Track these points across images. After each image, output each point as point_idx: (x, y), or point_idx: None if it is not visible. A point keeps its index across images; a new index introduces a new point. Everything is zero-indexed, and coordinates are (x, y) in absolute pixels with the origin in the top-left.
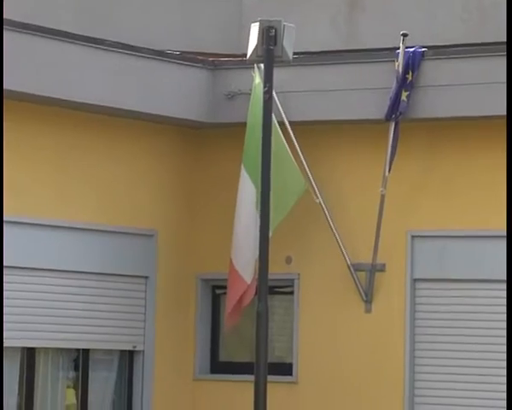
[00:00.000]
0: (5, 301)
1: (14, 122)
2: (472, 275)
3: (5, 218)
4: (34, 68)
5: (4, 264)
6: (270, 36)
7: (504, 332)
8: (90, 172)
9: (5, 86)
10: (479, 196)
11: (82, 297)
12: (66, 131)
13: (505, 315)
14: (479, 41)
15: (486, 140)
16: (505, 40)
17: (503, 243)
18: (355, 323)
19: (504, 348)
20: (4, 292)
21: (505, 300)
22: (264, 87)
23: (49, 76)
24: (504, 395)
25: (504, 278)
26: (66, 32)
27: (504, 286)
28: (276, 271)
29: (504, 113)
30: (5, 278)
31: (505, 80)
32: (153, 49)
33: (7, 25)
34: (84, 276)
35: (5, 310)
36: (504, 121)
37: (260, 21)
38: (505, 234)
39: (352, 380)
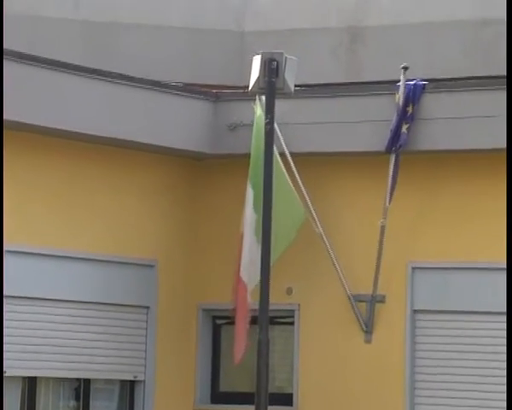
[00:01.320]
0: (8, 331)
1: (22, 153)
2: (473, 307)
3: (9, 248)
4: (42, 101)
5: (8, 294)
6: (271, 68)
7: (505, 364)
8: (91, 202)
9: (15, 118)
10: (480, 228)
11: (83, 327)
12: (71, 162)
13: (506, 347)
14: (479, 74)
15: (487, 172)
16: (505, 74)
17: (505, 275)
18: (355, 353)
19: (505, 379)
20: (7, 322)
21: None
22: (266, 119)
23: (56, 108)
24: None
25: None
26: (74, 64)
27: (505, 318)
28: (276, 301)
29: (504, 146)
30: (8, 308)
31: (505, 113)
32: (156, 81)
33: (12, 55)
34: (84, 306)
35: (7, 339)
36: (504, 154)
37: (262, 53)
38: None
39: (350, 408)
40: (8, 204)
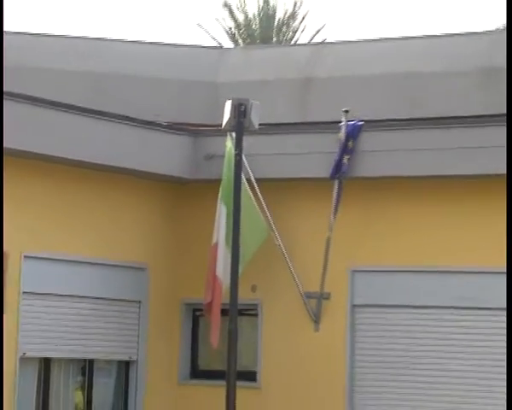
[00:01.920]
0: (27, 320)
1: (37, 179)
2: (400, 302)
3: (27, 254)
4: (55, 136)
5: (27, 291)
6: (240, 111)
7: (432, 348)
8: (94, 217)
9: (32, 150)
10: (406, 239)
11: (88, 317)
12: (75, 185)
13: (428, 335)
14: (404, 117)
15: (412, 194)
16: (428, 117)
17: (429, 275)
18: (306, 339)
19: (433, 364)
20: (27, 313)
21: (428, 322)
22: (235, 151)
23: (65, 141)
24: (437, 405)
25: (426, 303)
26: (80, 106)
27: (425, 311)
28: (243, 297)
29: (425, 173)
30: (28, 302)
31: (427, 147)
32: (147, 121)
33: (30, 100)
34: (89, 300)
35: (28, 327)
36: (424, 180)
37: (232, 99)
38: (429, 269)
39: (304, 385)
40: (24, 220)
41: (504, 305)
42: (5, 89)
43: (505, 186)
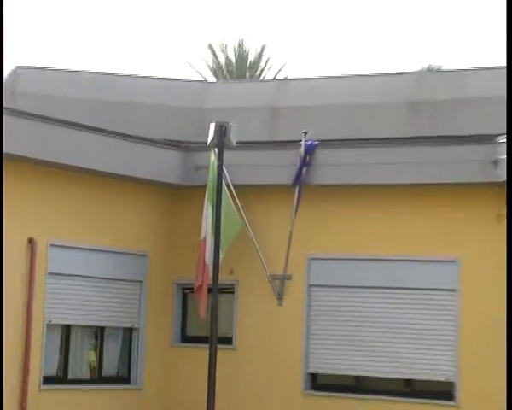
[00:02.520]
0: (53, 295)
1: (58, 185)
2: (343, 283)
3: (53, 243)
4: (77, 151)
5: (52, 271)
6: (221, 131)
7: (367, 316)
8: (105, 215)
9: (59, 161)
10: (350, 234)
11: (101, 293)
12: (91, 189)
13: (365, 307)
14: (352, 138)
15: (356, 199)
16: (368, 138)
17: (366, 262)
18: (272, 311)
19: (368, 328)
20: (54, 289)
21: (364, 298)
22: (218, 163)
23: (85, 156)
24: (374, 358)
25: (363, 284)
26: (98, 128)
27: (362, 289)
28: (223, 278)
29: (364, 182)
30: (52, 281)
31: (366, 162)
32: (147, 138)
33: (50, 120)
34: (101, 280)
35: (53, 301)
36: (364, 187)
37: (216, 122)
38: (367, 257)
39: (269, 347)
40: (51, 216)
41: (421, 285)
42: (54, 116)
43: (424, 194)
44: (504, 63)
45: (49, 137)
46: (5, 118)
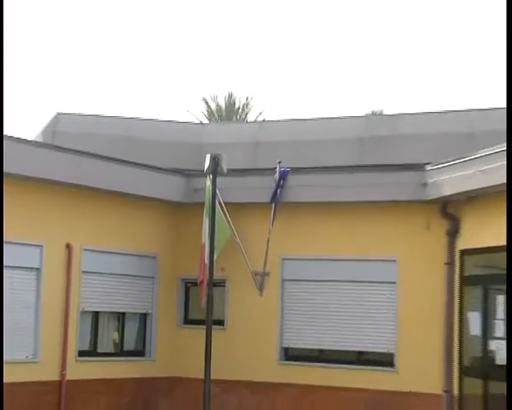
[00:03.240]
0: (86, 288)
1: (91, 203)
2: (310, 277)
3: (86, 247)
4: (104, 177)
5: (85, 270)
6: (215, 161)
7: (332, 304)
8: (125, 226)
9: (77, 182)
10: (315, 239)
11: (122, 286)
12: (114, 206)
13: (330, 297)
14: (313, 166)
15: (320, 213)
16: (326, 166)
17: (329, 261)
18: (255, 301)
19: (333, 312)
20: (88, 283)
21: (329, 289)
22: (212, 186)
23: (110, 180)
24: (336, 340)
25: (328, 278)
26: (122, 159)
27: (327, 283)
28: (216, 274)
29: (326, 200)
30: (85, 277)
31: (326, 184)
32: (158, 167)
33: (60, 149)
34: (123, 276)
35: (85, 293)
36: (325, 204)
37: (211, 154)
38: (329, 257)
39: (253, 327)
40: (84, 226)
41: (369, 279)
42: (86, 150)
43: (370, 209)
44: (431, 108)
45: (82, 167)
46: (48, 152)
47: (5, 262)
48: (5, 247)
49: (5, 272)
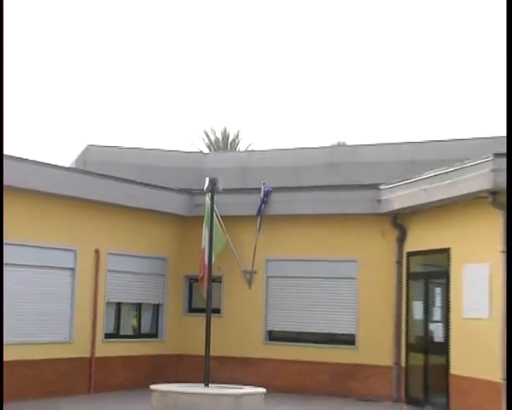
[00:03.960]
0: (111, 283)
1: (109, 217)
2: (288, 274)
3: (110, 251)
4: (119, 194)
5: (110, 269)
6: (213, 182)
7: (305, 297)
8: (142, 235)
9: (105, 199)
10: (293, 244)
11: (140, 282)
12: (132, 219)
13: (294, 288)
14: (293, 186)
15: (297, 223)
16: (298, 186)
17: (301, 262)
18: (245, 293)
19: (306, 298)
20: (111, 280)
21: (300, 285)
22: (210, 202)
23: (128, 198)
24: (310, 324)
25: (303, 275)
26: (140, 181)
27: (301, 279)
28: (215, 273)
29: (299, 212)
30: (111, 275)
31: (300, 200)
32: (167, 187)
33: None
34: (141, 274)
35: (111, 286)
36: (300, 216)
37: (209, 177)
38: (302, 258)
39: (243, 314)
40: (110, 234)
41: (336, 275)
42: (112, 175)
43: (337, 221)
44: (384, 140)
45: (107, 188)
46: (82, 176)
47: (47, 263)
48: (48, 252)
49: (46, 271)
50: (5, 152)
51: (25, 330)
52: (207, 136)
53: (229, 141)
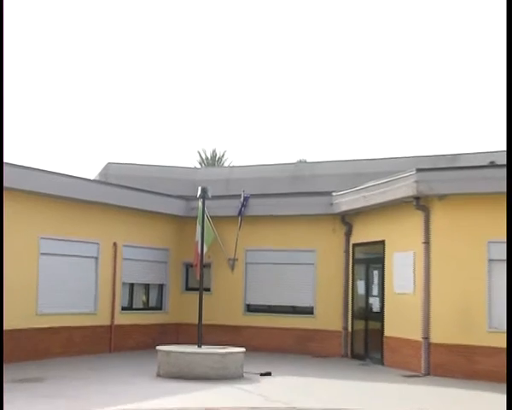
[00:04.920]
0: (125, 268)
1: (122, 217)
2: (263, 261)
3: (124, 244)
4: (135, 200)
5: (125, 257)
6: (204, 191)
7: (275, 279)
8: (149, 230)
9: (122, 204)
10: (267, 237)
11: (149, 268)
12: (141, 218)
13: (277, 275)
14: (265, 193)
15: (269, 222)
16: (269, 193)
17: (277, 251)
18: (228, 275)
19: (279, 285)
20: (125, 266)
21: (273, 270)
22: (202, 206)
23: (137, 202)
24: (280, 298)
25: (276, 262)
26: (148, 190)
27: (274, 265)
28: (206, 260)
29: (272, 214)
30: (125, 262)
31: (272, 205)
32: (170, 194)
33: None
34: (149, 262)
35: (125, 271)
36: (271, 217)
37: (201, 186)
38: (277, 249)
39: (227, 292)
40: (124, 230)
41: (299, 262)
42: (129, 185)
43: (299, 220)
44: (336, 158)
45: (123, 195)
46: (102, 187)
47: (77, 253)
48: (78, 245)
49: (77, 259)
50: (46, 168)
51: (60, 304)
52: (200, 155)
53: (216, 159)
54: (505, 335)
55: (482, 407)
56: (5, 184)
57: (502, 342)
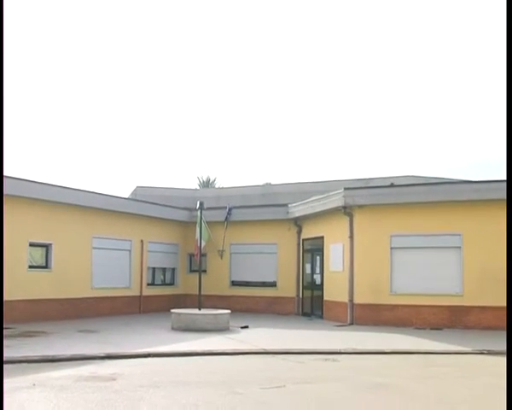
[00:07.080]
0: (150, 258)
1: (136, 222)
2: (244, 251)
3: (145, 240)
4: (154, 211)
5: (151, 250)
6: (201, 204)
7: (254, 265)
8: (161, 232)
9: (143, 213)
10: (249, 237)
11: (165, 258)
12: (160, 225)
13: (259, 264)
14: (244, 205)
15: (251, 226)
16: (250, 205)
17: (256, 245)
18: (218, 261)
19: (255, 269)
20: (150, 257)
21: (259, 260)
22: (200, 214)
23: (155, 212)
24: (255, 276)
25: (260, 252)
26: (155, 202)
27: (259, 255)
28: (203, 251)
29: (253, 219)
30: (151, 255)
31: (252, 212)
32: (177, 206)
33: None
34: (164, 253)
35: (150, 259)
36: (247, 222)
37: (199, 200)
38: (255, 242)
39: (218, 272)
40: (143, 229)
41: (269, 252)
42: (148, 200)
43: (267, 224)
44: (295, 180)
45: (147, 208)
46: (133, 202)
47: (117, 247)
48: (117, 241)
49: (117, 251)
50: (95, 190)
51: (106, 281)
52: (199, 179)
53: (210, 182)
54: (402, 297)
55: (384, 341)
56: (78, 202)
57: (399, 301)
